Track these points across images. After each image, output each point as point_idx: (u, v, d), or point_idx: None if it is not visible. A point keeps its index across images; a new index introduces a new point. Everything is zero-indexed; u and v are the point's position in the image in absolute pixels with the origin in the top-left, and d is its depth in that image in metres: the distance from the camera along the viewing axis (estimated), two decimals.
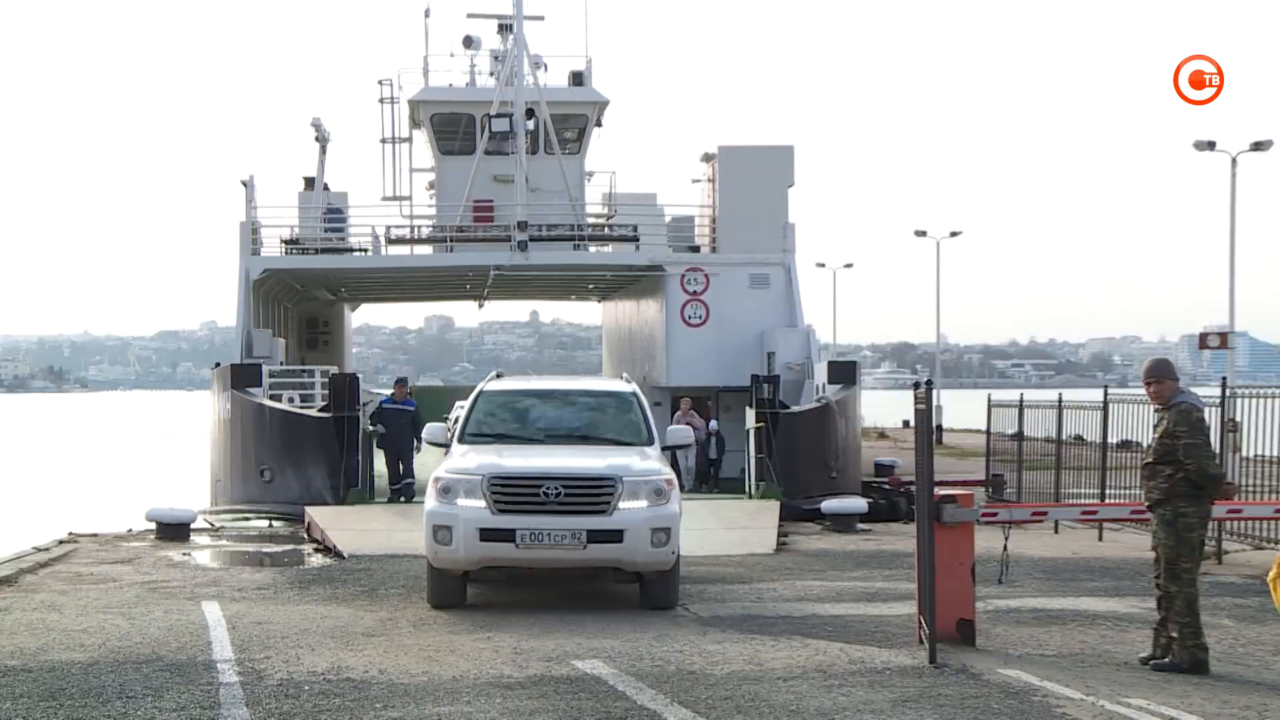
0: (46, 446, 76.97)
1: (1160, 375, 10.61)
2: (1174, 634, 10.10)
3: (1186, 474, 10.11)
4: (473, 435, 14.38)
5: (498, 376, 16.38)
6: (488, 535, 12.70)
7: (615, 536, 12.71)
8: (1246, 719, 8.58)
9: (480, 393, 15.24)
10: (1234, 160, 37.38)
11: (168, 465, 49.77)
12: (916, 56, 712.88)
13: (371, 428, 24.50)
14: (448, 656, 10.58)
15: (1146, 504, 10.44)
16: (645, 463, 13.53)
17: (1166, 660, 10.11)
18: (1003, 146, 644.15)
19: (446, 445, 14.61)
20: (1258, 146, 37.56)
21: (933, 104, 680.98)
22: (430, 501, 13.13)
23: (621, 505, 12.75)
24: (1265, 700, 9.10)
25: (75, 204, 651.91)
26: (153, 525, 21.15)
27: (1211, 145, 37.60)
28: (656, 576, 13.21)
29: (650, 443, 14.31)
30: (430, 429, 15.94)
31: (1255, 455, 16.61)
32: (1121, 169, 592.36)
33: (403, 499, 23.78)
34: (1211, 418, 17.04)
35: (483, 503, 12.73)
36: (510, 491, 12.80)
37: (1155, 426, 10.59)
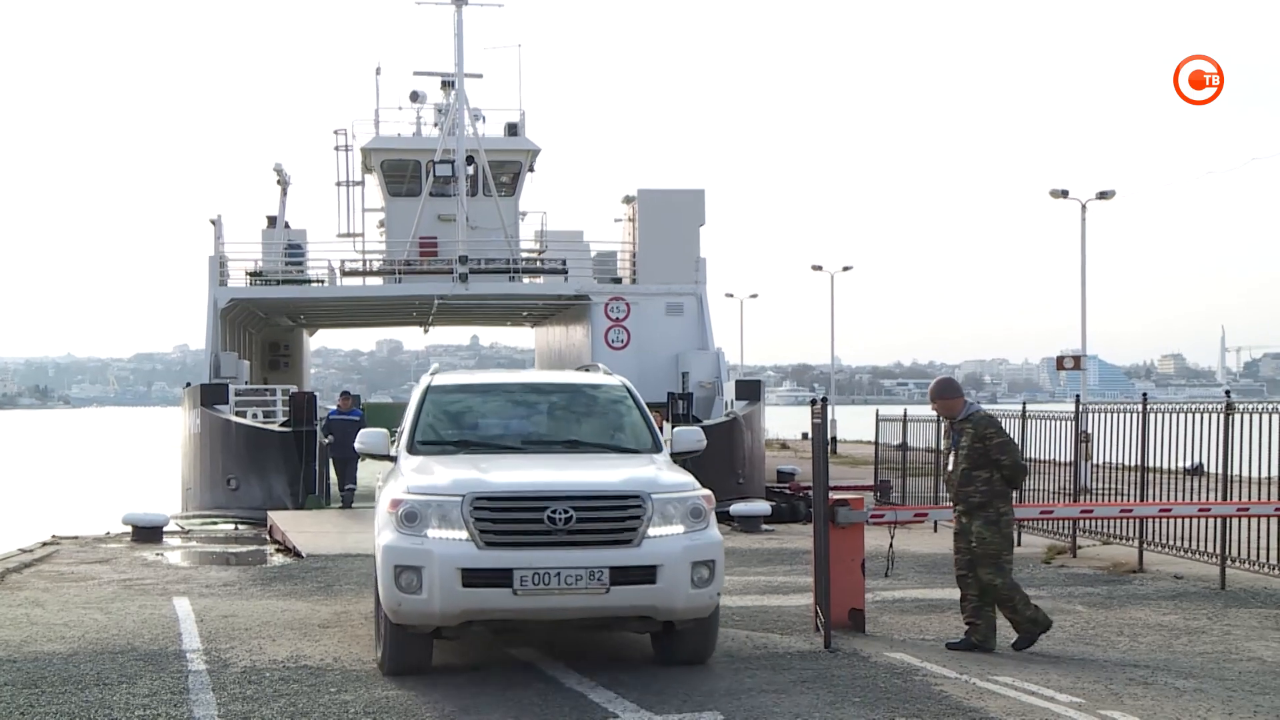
0: (32, 458, 75.51)
1: (944, 394, 10.54)
2: (1010, 615, 10.10)
3: (1002, 475, 10.06)
4: (426, 443, 10.02)
5: (434, 373, 11.18)
6: (474, 578, 8.50)
7: (646, 575, 8.63)
8: (1095, 690, 8.70)
9: (428, 389, 10.60)
10: (1084, 206, 37.98)
11: (142, 475, 48.96)
12: (815, 110, 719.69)
13: (326, 438, 24.22)
14: None
15: (962, 509, 10.21)
16: (672, 474, 9.45)
17: (1012, 640, 10.11)
18: (888, 191, 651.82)
19: (389, 456, 10.24)
20: (1103, 195, 38.19)
21: (828, 153, 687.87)
22: (387, 533, 8.83)
23: (651, 532, 8.71)
24: (1111, 674, 9.24)
25: (60, 237, 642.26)
26: (129, 528, 20.82)
27: (1065, 193, 38.16)
28: (692, 624, 9.09)
29: (657, 449, 10.12)
30: (366, 436, 10.38)
31: (1104, 462, 16.86)
32: (990, 212, 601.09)
33: (346, 502, 23.53)
34: (1067, 430, 17.41)
35: (464, 533, 8.56)
36: (504, 517, 8.62)
37: (956, 440, 10.31)
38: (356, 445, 10.33)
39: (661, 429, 11.46)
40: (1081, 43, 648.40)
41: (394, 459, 10.09)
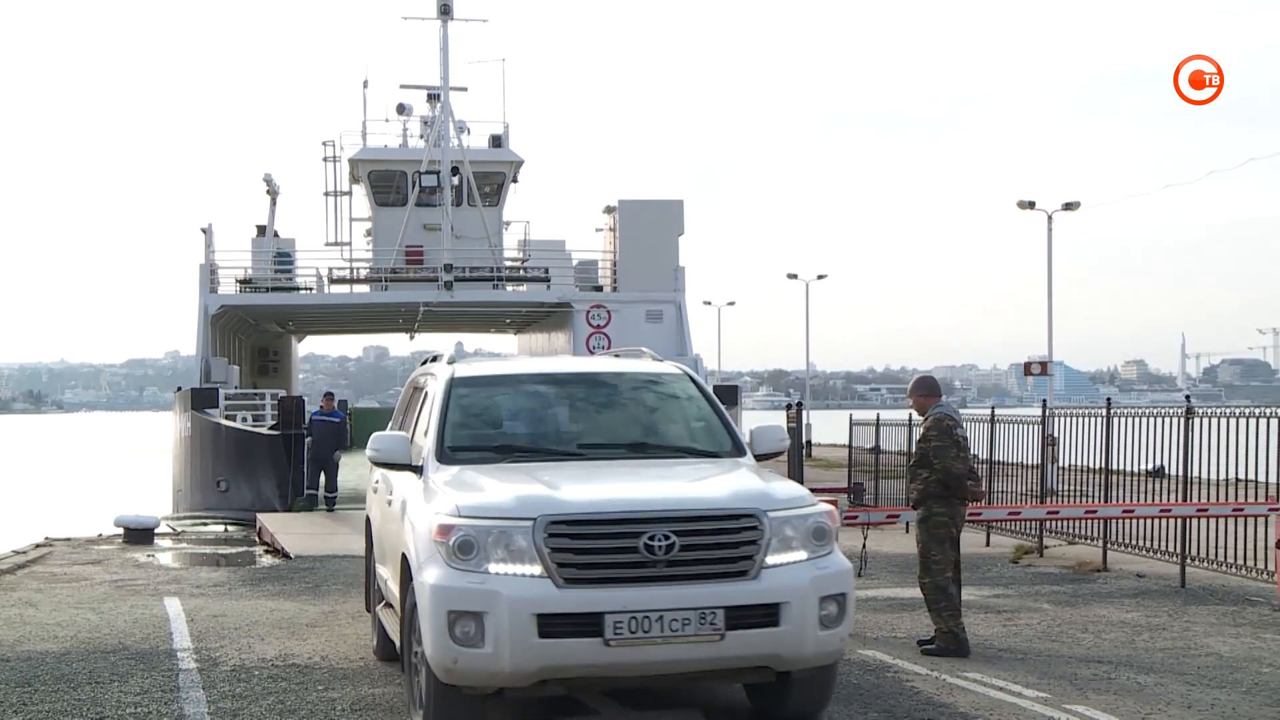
0: (26, 461, 75.04)
1: (915, 392, 10.53)
2: (934, 619, 9.95)
3: (938, 476, 9.98)
4: (460, 450, 7.91)
5: (451, 362, 8.87)
6: (553, 626, 6.52)
7: (767, 615, 6.76)
8: (1061, 685, 8.74)
9: (452, 382, 8.38)
10: (1050, 217, 38.16)
11: (134, 477, 48.70)
12: (791, 123, 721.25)
13: (309, 439, 24.01)
14: None
15: (909, 504, 10.19)
16: (784, 485, 7.52)
17: (933, 644, 9.91)
18: (862, 203, 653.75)
19: (411, 466, 7.99)
20: (1069, 206, 38.41)
21: (803, 166, 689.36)
22: (433, 569, 6.78)
23: (770, 560, 6.84)
24: (1076, 670, 9.28)
25: (54, 245, 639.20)
26: (120, 530, 20.73)
27: (1032, 204, 38.34)
28: (812, 672, 7.21)
29: (739, 451, 8.16)
30: (383, 442, 8.09)
31: (1070, 465, 16.93)
32: (959, 222, 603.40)
33: (326, 508, 23.23)
34: (1034, 434, 17.48)
35: (537, 567, 6.59)
36: (589, 545, 6.66)
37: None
38: (370, 453, 8.02)
39: None
40: (1049, 58, 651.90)
41: (418, 469, 7.85)
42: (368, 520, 10.39)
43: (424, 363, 10.03)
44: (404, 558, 7.43)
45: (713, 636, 6.64)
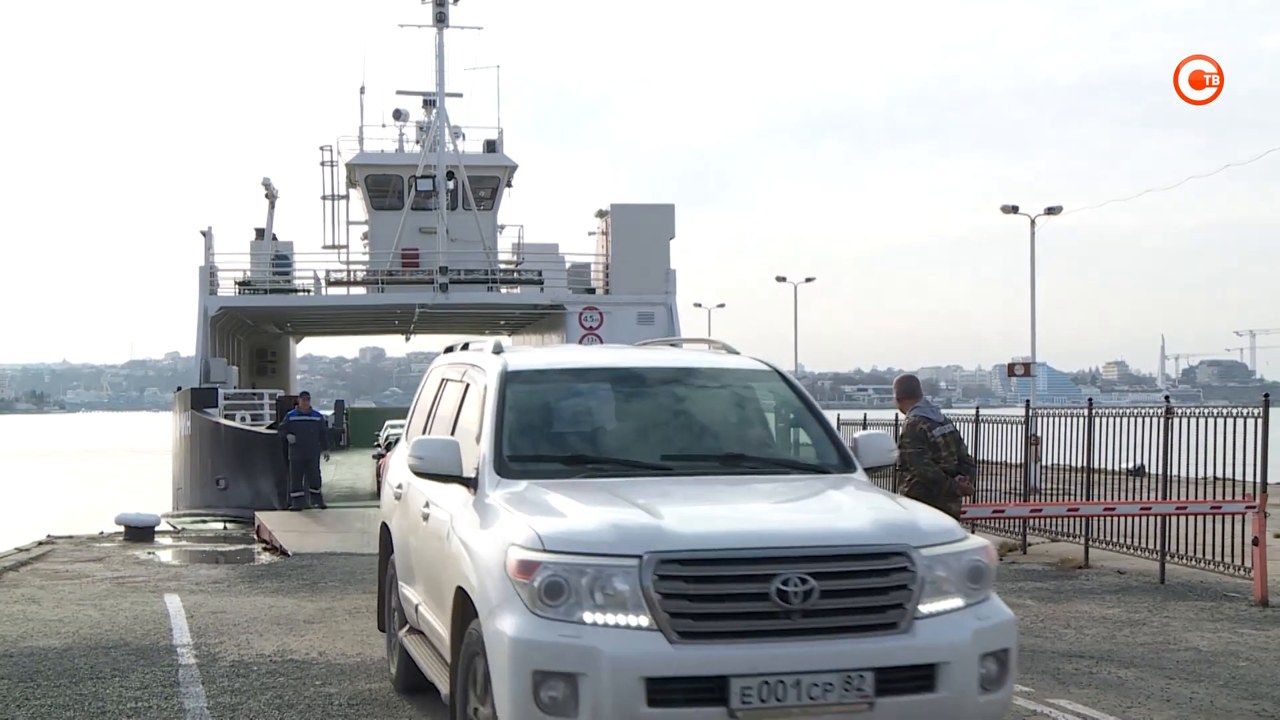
0: (29, 461, 74.85)
1: (896, 393, 10.48)
2: None
3: (917, 478, 9.93)
4: (522, 460, 6.40)
5: (498, 352, 7.26)
6: (666, 693, 5.13)
7: (923, 678, 5.37)
8: (1043, 680, 8.75)
9: (506, 376, 6.80)
10: (1033, 221, 38.21)
11: (135, 476, 48.62)
12: (781, 128, 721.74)
13: (291, 438, 23.59)
14: (378, 640, 10.40)
15: None
16: (926, 513, 6.06)
17: None
18: (849, 208, 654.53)
19: (461, 479, 6.38)
20: (1051, 211, 38.45)
21: (791, 170, 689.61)
22: (510, 616, 5.30)
23: (922, 609, 5.45)
24: (1058, 664, 9.30)
25: (56, 248, 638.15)
26: (121, 528, 20.69)
27: (1015, 209, 38.39)
28: None
29: (848, 465, 6.71)
30: (428, 449, 6.45)
31: (1052, 464, 16.96)
32: (943, 226, 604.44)
33: (314, 506, 23.03)
34: (1018, 433, 17.50)
35: (644, 617, 5.19)
36: (709, 590, 5.26)
37: None
38: (411, 461, 6.48)
39: None
40: (1031, 66, 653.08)
41: (470, 482, 6.32)
42: (384, 528, 8.67)
43: (448, 350, 8.63)
44: (460, 592, 5.88)
45: (860, 705, 5.20)
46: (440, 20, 33.00)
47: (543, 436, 6.74)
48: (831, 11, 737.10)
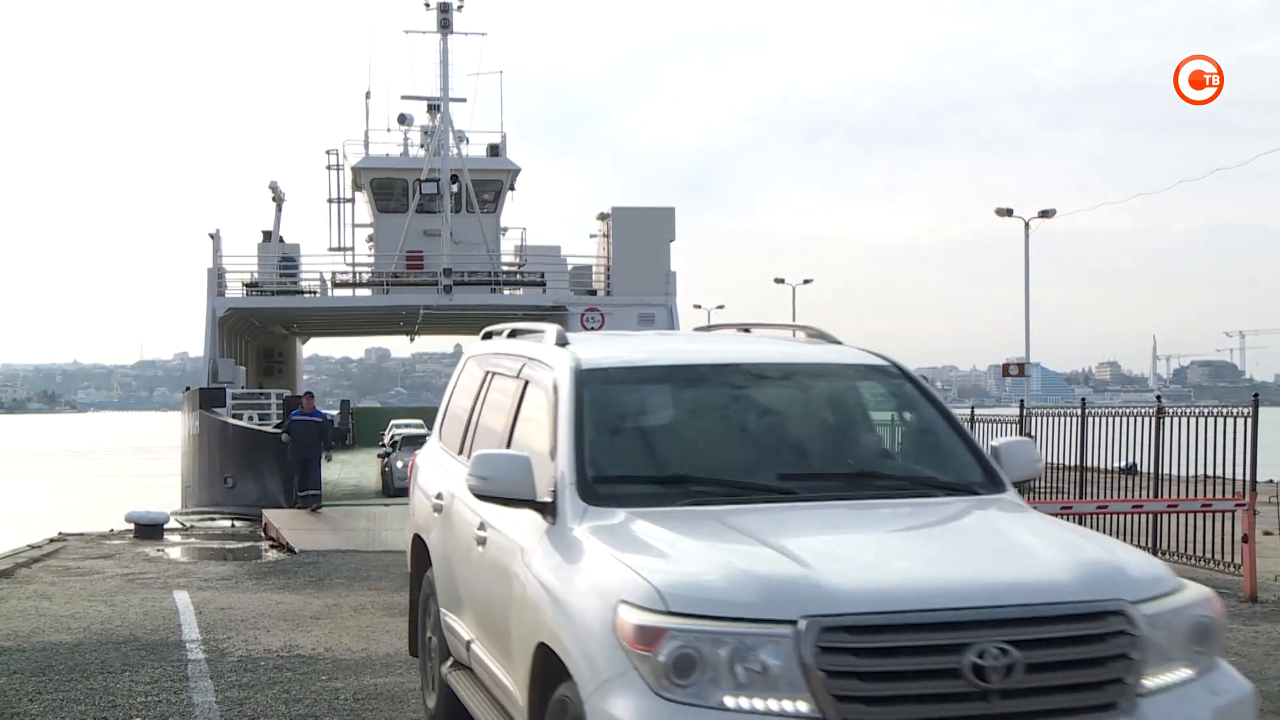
0: (41, 459, 74.91)
1: None
2: None
3: None
4: (605, 481, 4.97)
5: (563, 343, 5.81)
6: None
7: None
8: None
9: (579, 376, 5.37)
10: (1027, 224, 38.29)
11: (145, 475, 48.66)
12: (780, 133, 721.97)
13: (286, 438, 23.07)
14: (382, 636, 10.46)
15: None
16: (1130, 555, 4.62)
17: None
18: (844, 210, 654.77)
19: (535, 503, 4.96)
20: (1045, 214, 38.53)
21: (790, 174, 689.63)
22: (627, 695, 3.94)
23: (1146, 682, 4.07)
24: None
25: (68, 251, 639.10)
26: (131, 526, 20.71)
27: (1010, 212, 38.45)
28: None
29: (997, 482, 5.28)
30: (493, 466, 5.02)
31: (1046, 463, 16.96)
32: (939, 228, 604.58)
33: (312, 507, 22.68)
34: (1012, 433, 17.48)
35: (804, 702, 3.82)
36: (888, 666, 3.88)
37: None
38: (473, 482, 5.05)
39: None
40: (1025, 72, 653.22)
41: (546, 508, 4.92)
42: (418, 542, 7.19)
43: (487, 336, 7.32)
44: (543, 650, 4.55)
45: None
46: (445, 27, 33.01)
47: (631, 451, 5.27)
48: (829, 18, 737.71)
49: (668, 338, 7.27)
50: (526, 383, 5.89)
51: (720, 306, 72.19)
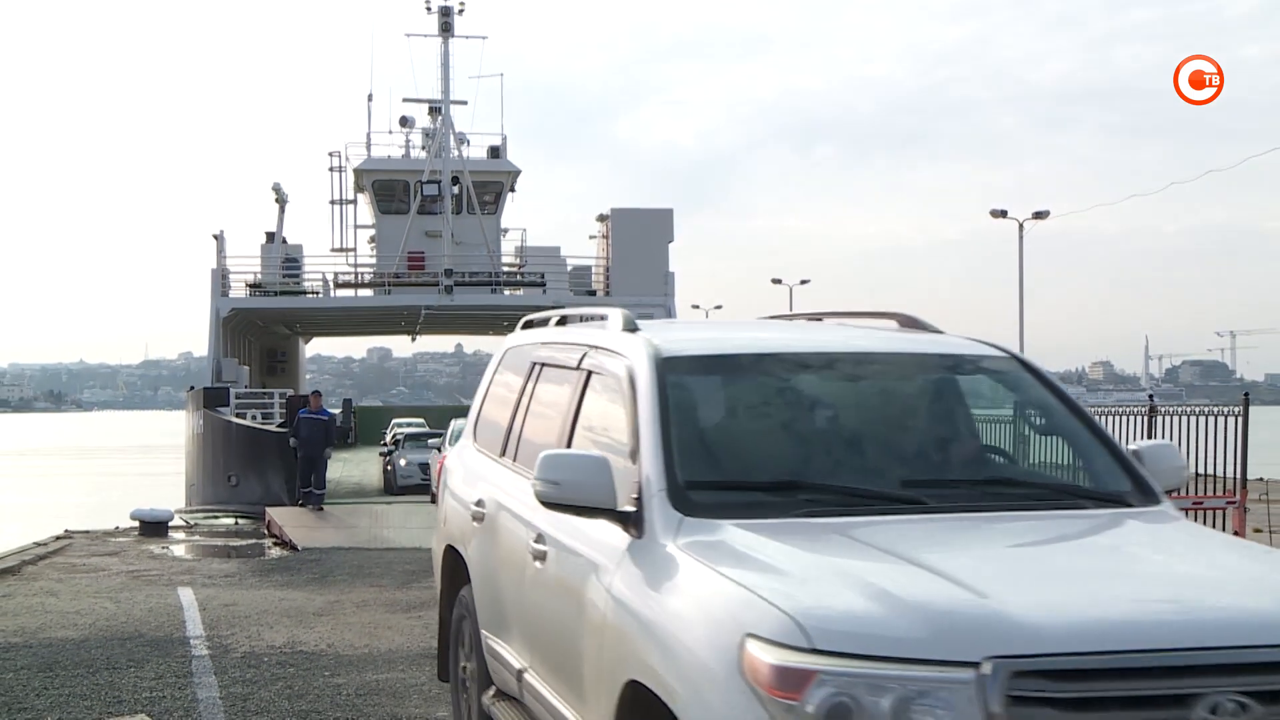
0: (47, 458, 74.92)
1: None
2: None
3: None
4: (701, 488, 4.00)
5: (632, 329, 4.84)
6: None
7: None
8: None
9: (660, 365, 4.38)
10: (1021, 226, 38.32)
11: (149, 473, 48.65)
12: (777, 134, 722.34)
13: (293, 442, 22.87)
14: (385, 632, 10.46)
15: None
16: None
17: None
18: (841, 212, 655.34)
19: (617, 512, 4.01)
20: (1039, 215, 38.59)
21: (787, 175, 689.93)
22: None
23: None
24: None
25: (74, 252, 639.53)
26: (136, 523, 20.73)
27: (1004, 213, 38.49)
28: None
29: (1147, 492, 4.30)
30: (564, 468, 4.07)
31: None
32: (934, 230, 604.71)
33: (311, 506, 22.51)
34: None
35: None
36: (1096, 719, 2.95)
37: None
38: (541, 488, 4.14)
39: None
40: (1019, 74, 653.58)
41: (630, 518, 4.04)
42: (451, 554, 6.19)
43: (527, 325, 6.43)
44: (634, 688, 3.70)
45: None
46: (446, 30, 33.07)
47: (728, 453, 4.43)
48: (826, 22, 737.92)
49: (742, 326, 6.14)
50: (589, 374, 4.97)
51: (718, 307, 72.27)
